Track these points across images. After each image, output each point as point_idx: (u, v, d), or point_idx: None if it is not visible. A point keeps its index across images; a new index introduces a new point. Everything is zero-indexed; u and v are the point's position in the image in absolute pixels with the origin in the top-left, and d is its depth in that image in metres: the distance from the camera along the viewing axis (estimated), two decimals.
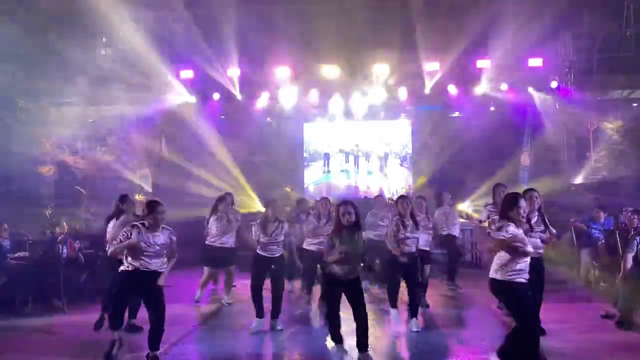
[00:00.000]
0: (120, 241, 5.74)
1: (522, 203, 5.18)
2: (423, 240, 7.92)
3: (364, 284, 9.62)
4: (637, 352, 6.12)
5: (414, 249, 7.17)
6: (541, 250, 6.25)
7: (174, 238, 5.94)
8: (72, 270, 8.81)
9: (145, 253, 5.68)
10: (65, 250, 8.76)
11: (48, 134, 14.94)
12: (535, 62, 14.63)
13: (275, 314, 7.18)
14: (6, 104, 13.79)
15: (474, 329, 7.30)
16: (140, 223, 5.78)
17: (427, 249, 8.36)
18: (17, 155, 14.01)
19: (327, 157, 17.14)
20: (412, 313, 7.05)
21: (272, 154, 16.64)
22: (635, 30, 15.30)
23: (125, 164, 15.58)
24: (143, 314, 6.17)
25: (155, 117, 15.82)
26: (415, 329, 6.90)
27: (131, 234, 5.70)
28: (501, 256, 5.14)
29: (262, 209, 14.42)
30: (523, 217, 5.19)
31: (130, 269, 5.71)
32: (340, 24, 14.28)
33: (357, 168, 16.97)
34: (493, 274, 5.20)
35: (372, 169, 16.95)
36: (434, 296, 8.86)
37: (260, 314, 7.16)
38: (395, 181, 16.71)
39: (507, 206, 5.22)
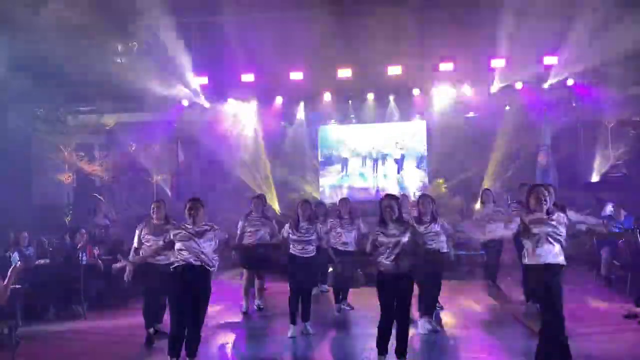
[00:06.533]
0: None
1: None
2: None
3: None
4: None
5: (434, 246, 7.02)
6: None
7: None
8: (92, 276, 8.91)
9: None
10: (85, 257, 8.86)
11: (66, 141, 15.11)
12: (551, 59, 14.48)
13: (305, 317, 7.05)
14: (24, 112, 13.96)
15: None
16: None
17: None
18: (36, 163, 14.19)
19: (345, 161, 17.08)
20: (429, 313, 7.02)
21: (287, 157, 16.66)
22: None
23: (142, 170, 15.70)
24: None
25: (171, 122, 15.94)
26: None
27: None
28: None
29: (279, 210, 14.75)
30: None
31: None
32: (352, 28, 14.32)
33: (376, 173, 16.85)
34: None
35: (388, 171, 16.85)
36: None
37: (293, 319, 6.98)
38: (412, 183, 16.59)
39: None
